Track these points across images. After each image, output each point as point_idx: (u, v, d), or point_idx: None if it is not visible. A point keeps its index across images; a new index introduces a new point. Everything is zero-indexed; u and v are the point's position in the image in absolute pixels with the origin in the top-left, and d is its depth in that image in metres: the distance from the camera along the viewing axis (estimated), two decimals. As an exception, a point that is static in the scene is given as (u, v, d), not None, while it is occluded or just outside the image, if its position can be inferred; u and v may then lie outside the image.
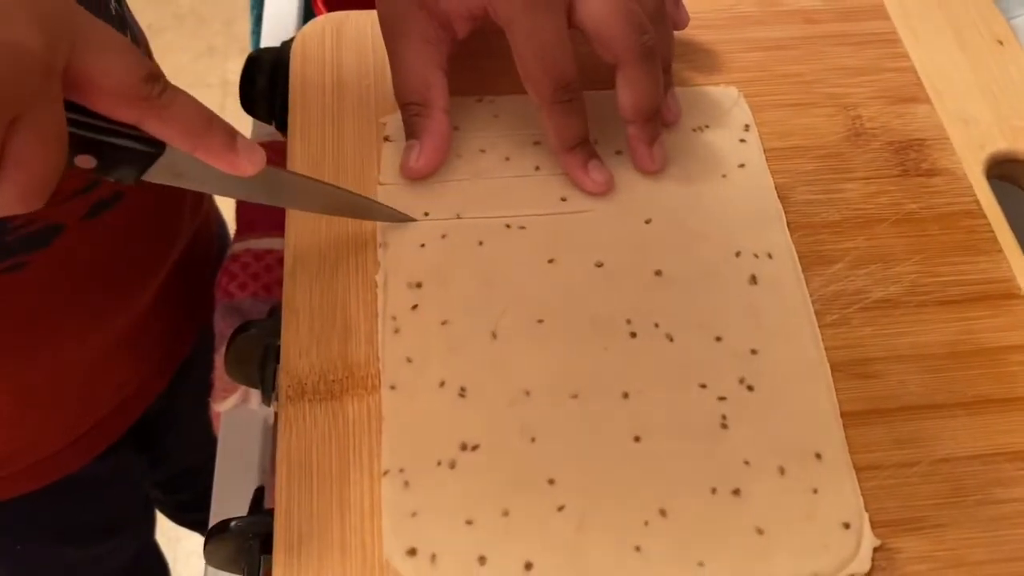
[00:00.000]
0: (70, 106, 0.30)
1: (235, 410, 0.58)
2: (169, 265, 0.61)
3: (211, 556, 0.40)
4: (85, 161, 0.32)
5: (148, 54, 0.61)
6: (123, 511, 0.73)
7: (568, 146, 0.42)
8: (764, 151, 0.45)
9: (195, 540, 0.42)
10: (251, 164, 0.34)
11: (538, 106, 0.41)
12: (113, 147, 0.32)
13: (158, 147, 0.33)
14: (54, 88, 0.28)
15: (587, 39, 0.41)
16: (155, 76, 0.31)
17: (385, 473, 0.36)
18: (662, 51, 0.42)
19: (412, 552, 0.34)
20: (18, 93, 0.26)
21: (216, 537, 0.39)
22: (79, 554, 0.69)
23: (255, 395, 0.57)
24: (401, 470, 0.36)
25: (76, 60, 0.29)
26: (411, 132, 0.43)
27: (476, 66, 0.46)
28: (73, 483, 0.60)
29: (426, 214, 0.43)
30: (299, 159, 0.44)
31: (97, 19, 0.30)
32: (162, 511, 0.86)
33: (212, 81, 1.67)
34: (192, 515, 0.83)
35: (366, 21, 0.49)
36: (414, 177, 0.43)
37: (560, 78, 0.40)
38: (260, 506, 0.43)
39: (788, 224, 0.43)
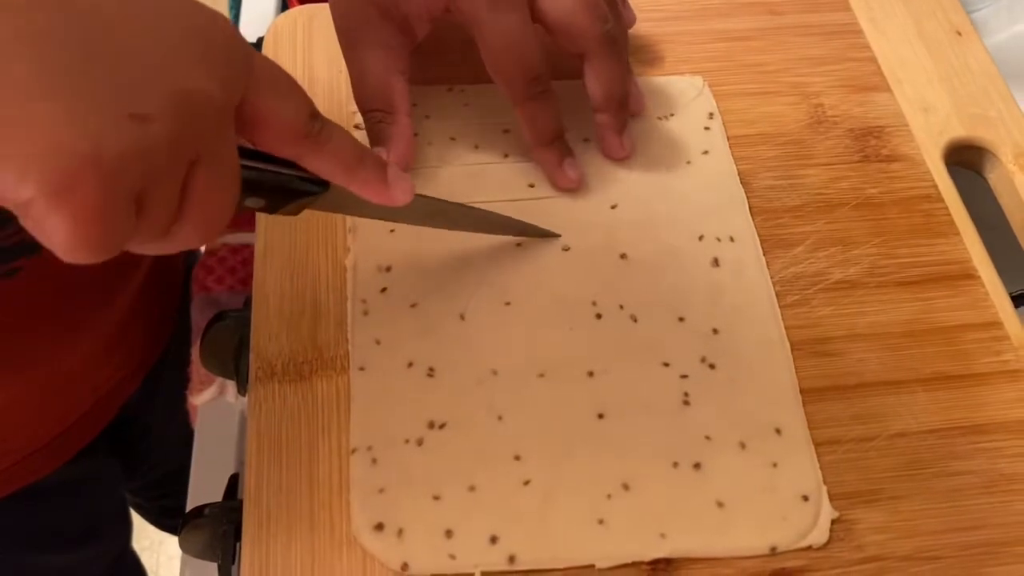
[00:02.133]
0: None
1: (212, 403, 0.58)
2: (147, 264, 0.61)
3: (186, 544, 0.41)
4: (255, 202, 0.33)
5: None
6: (97, 518, 0.72)
7: (545, 142, 0.43)
8: (728, 138, 0.46)
9: (176, 544, 0.43)
10: (403, 194, 0.35)
11: (512, 102, 0.42)
12: (282, 189, 0.33)
13: (323, 186, 0.34)
14: (229, 129, 0.29)
15: (550, 32, 0.41)
16: (317, 115, 0.32)
17: (353, 451, 0.37)
18: (623, 42, 0.43)
19: (379, 527, 0.35)
20: (199, 136, 0.27)
21: (191, 524, 0.39)
22: (52, 563, 0.68)
23: (231, 388, 0.57)
24: (369, 448, 0.37)
25: (249, 99, 0.30)
26: (376, 139, 0.43)
27: (446, 55, 0.47)
28: (44, 488, 0.59)
29: (396, 200, 0.43)
30: (270, 147, 0.45)
31: (267, 57, 0.31)
32: (145, 517, 0.85)
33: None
34: (176, 520, 0.82)
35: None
36: None
37: (530, 71, 0.41)
38: (235, 493, 0.44)
39: (750, 209, 0.44)
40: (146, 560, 0.87)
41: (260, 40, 0.50)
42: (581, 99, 0.43)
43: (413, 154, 0.44)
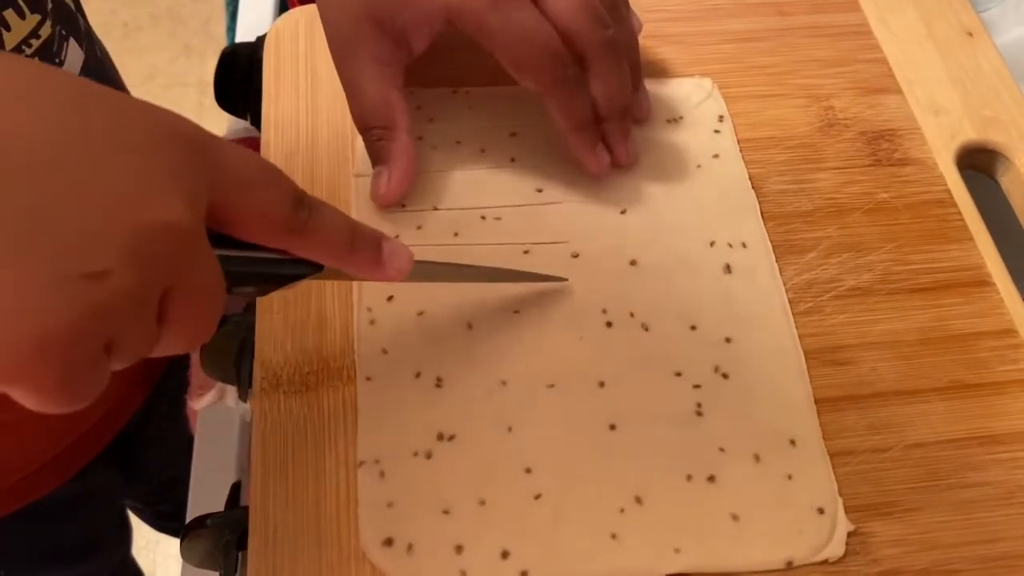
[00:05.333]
0: (219, 239, 0.28)
1: (212, 408, 0.57)
2: None
3: (187, 554, 0.40)
4: (243, 291, 0.31)
5: (110, 66, 0.59)
6: (99, 531, 0.72)
7: (579, 126, 0.41)
8: (738, 142, 0.46)
9: (175, 544, 0.42)
10: (398, 272, 0.34)
11: (541, 92, 0.40)
12: (269, 276, 0.31)
13: (316, 268, 0.32)
14: (201, 245, 0.26)
15: None
16: (301, 201, 0.30)
17: (361, 464, 0.36)
18: (626, 48, 0.42)
19: (388, 542, 0.34)
20: (164, 269, 0.25)
21: (192, 534, 0.38)
22: None
23: (231, 392, 0.56)
24: (377, 461, 0.36)
25: (219, 199, 0.27)
26: (377, 158, 0.42)
27: (451, 57, 0.46)
28: (48, 504, 0.59)
29: (402, 205, 0.43)
30: (273, 151, 0.44)
31: (236, 147, 0.28)
32: (143, 520, 0.85)
33: (190, 81, 1.66)
34: (174, 523, 0.82)
35: (340, 13, 0.48)
36: (385, 204, 0.42)
37: (554, 55, 0.39)
38: (237, 502, 0.43)
39: (762, 214, 0.43)
40: (143, 560, 0.87)
41: (260, 38, 0.49)
42: None
43: (415, 171, 0.42)
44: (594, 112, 0.41)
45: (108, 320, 0.24)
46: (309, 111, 0.45)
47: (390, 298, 0.40)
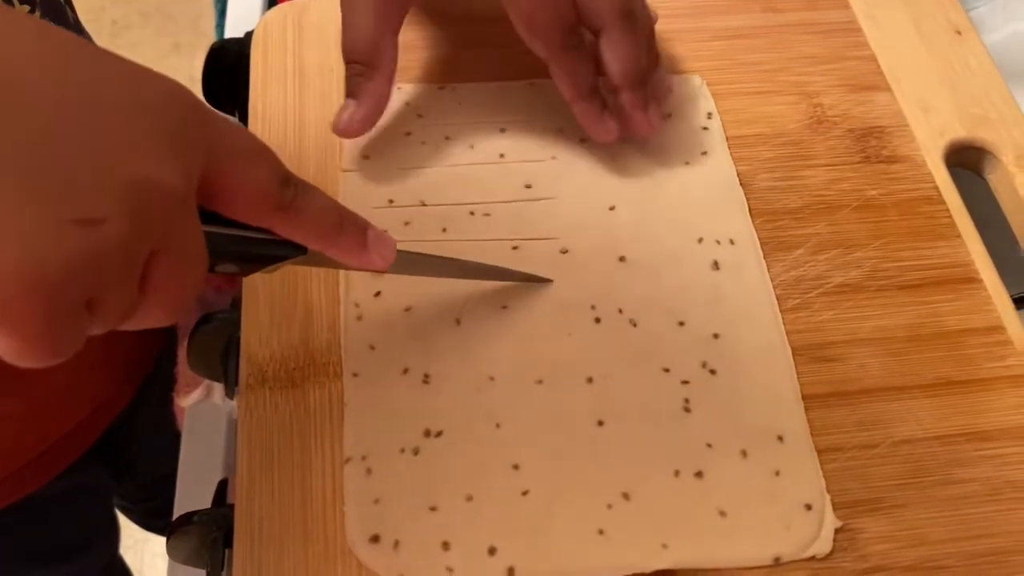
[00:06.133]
0: (205, 216, 0.28)
1: (199, 405, 0.57)
2: None
3: (174, 551, 0.40)
4: (226, 268, 0.31)
5: None
6: (88, 529, 0.71)
7: (584, 94, 0.42)
8: (727, 139, 0.46)
9: (162, 542, 0.42)
10: (383, 259, 0.34)
11: (547, 58, 0.41)
12: (253, 256, 0.31)
13: (300, 250, 0.32)
14: (191, 212, 0.27)
15: None
16: (289, 180, 0.30)
17: (347, 460, 0.36)
18: (643, 24, 0.42)
19: (375, 539, 0.34)
20: (157, 228, 0.25)
21: (179, 531, 0.38)
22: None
23: (218, 389, 0.56)
24: (364, 457, 0.36)
25: (211, 172, 0.27)
26: (350, 91, 0.42)
27: (441, 52, 0.46)
28: (36, 502, 0.58)
29: (390, 201, 0.42)
30: (260, 146, 0.44)
31: (230, 123, 0.29)
32: (130, 518, 0.84)
33: (179, 78, 1.65)
34: (162, 521, 0.81)
35: (328, 8, 0.48)
36: (343, 136, 0.42)
37: (566, 22, 0.40)
38: (223, 499, 0.43)
39: (750, 210, 0.43)
40: (130, 559, 0.86)
41: (249, 34, 0.49)
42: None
43: (378, 115, 0.42)
44: (609, 83, 0.41)
45: (96, 270, 0.24)
46: (297, 105, 0.45)
47: (377, 294, 0.40)
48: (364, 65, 0.41)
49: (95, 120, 0.24)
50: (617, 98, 0.42)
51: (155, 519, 0.84)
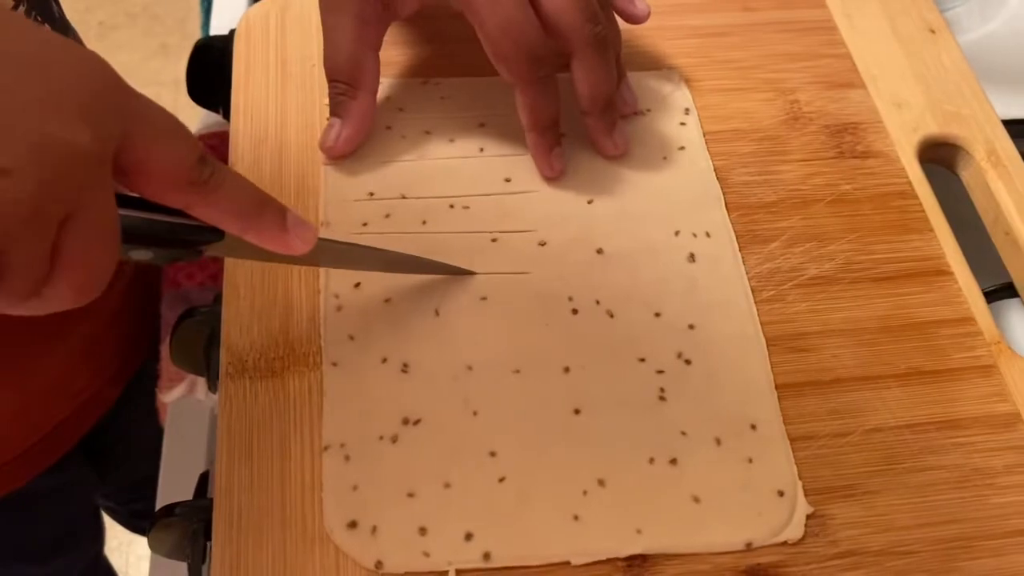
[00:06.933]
0: (121, 200, 0.28)
1: (181, 400, 0.57)
2: (128, 272, 0.60)
3: (156, 544, 0.40)
4: (140, 254, 0.31)
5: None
6: (73, 526, 0.71)
7: (540, 128, 0.42)
8: (704, 134, 0.46)
9: (146, 544, 0.42)
10: (303, 242, 0.33)
11: (514, 86, 0.41)
12: (169, 240, 0.31)
13: (217, 235, 0.32)
14: (105, 181, 0.27)
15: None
16: (206, 159, 0.30)
17: (326, 448, 0.36)
18: (613, 44, 0.42)
19: (353, 524, 0.34)
20: (68, 192, 0.25)
21: (160, 523, 0.38)
22: (27, 573, 0.67)
23: (201, 384, 0.56)
24: (342, 445, 0.36)
25: (127, 146, 0.27)
26: (335, 110, 0.43)
27: (422, 48, 0.46)
28: (21, 498, 0.58)
29: (371, 194, 0.43)
30: (241, 138, 0.44)
31: (149, 100, 0.29)
32: (115, 519, 0.84)
33: (165, 80, 1.65)
34: (147, 522, 0.81)
35: (310, 3, 0.49)
36: (330, 156, 0.43)
37: (532, 52, 0.39)
38: (205, 492, 0.43)
39: (726, 204, 0.44)
40: (115, 560, 0.86)
41: (233, 31, 0.49)
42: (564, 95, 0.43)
43: (366, 134, 0.43)
44: (584, 106, 0.42)
45: (2, 221, 0.23)
46: (279, 100, 0.46)
47: (357, 285, 0.40)
48: (347, 84, 0.42)
49: (13, 76, 0.24)
50: (584, 121, 0.43)
51: (140, 520, 0.84)
